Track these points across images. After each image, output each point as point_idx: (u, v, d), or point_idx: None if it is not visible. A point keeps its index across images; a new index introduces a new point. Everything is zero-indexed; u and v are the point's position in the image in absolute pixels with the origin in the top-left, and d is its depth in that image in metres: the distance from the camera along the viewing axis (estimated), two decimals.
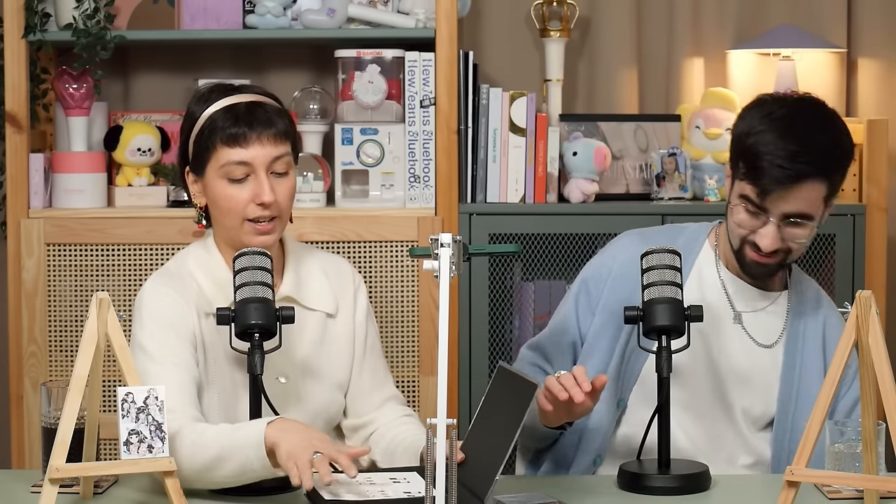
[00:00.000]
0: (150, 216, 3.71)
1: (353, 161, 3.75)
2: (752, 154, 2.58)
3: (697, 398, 2.71)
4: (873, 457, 2.30)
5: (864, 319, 2.20)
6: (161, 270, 2.68)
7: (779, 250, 2.62)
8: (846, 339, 2.22)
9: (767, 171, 2.55)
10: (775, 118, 2.59)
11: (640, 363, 2.72)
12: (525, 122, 3.78)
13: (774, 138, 2.56)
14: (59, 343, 3.70)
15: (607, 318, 2.74)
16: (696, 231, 2.80)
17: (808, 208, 2.59)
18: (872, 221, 3.77)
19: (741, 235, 2.65)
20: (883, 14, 4.07)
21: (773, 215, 2.59)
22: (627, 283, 2.72)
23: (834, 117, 2.65)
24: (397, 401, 2.77)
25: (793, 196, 2.57)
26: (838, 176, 2.61)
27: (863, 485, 2.30)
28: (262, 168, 2.59)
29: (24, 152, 3.70)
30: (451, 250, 2.23)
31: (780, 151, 2.55)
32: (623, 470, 2.52)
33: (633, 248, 2.74)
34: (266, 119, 2.60)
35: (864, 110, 4.06)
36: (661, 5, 4.09)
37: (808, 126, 2.58)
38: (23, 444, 3.71)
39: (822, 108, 2.65)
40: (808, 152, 2.55)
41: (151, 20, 3.84)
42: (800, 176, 2.55)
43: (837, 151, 2.60)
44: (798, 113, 2.61)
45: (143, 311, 2.61)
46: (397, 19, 3.77)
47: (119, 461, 2.25)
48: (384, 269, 3.70)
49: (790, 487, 2.23)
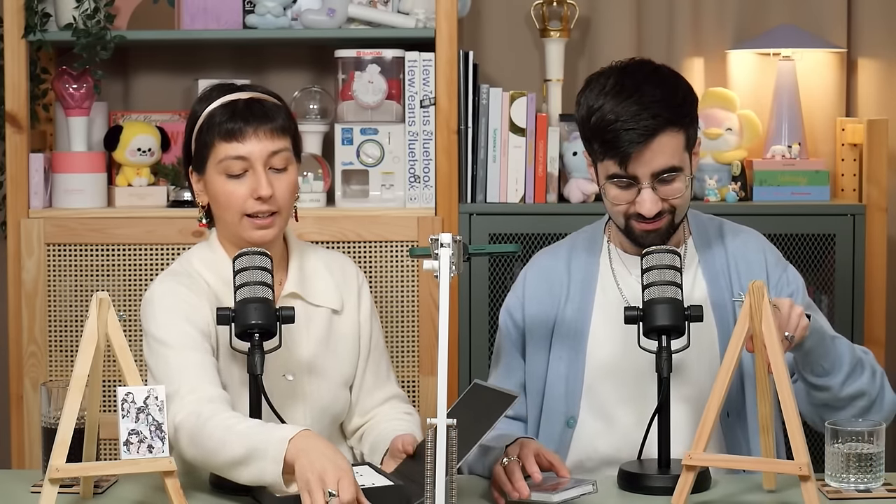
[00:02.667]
0: (150, 216, 3.71)
1: (353, 161, 3.75)
2: (600, 129, 2.59)
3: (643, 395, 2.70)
4: (770, 440, 2.40)
5: (758, 308, 2.29)
6: (167, 271, 2.68)
7: (663, 212, 2.62)
8: (740, 328, 2.31)
9: (619, 137, 2.56)
10: (608, 90, 2.60)
11: (580, 377, 2.71)
12: (525, 122, 3.78)
13: (613, 106, 2.58)
14: (59, 343, 3.70)
15: (533, 341, 2.76)
16: (591, 230, 2.82)
17: (671, 160, 2.59)
18: (872, 221, 3.77)
19: (622, 212, 2.64)
20: (883, 14, 4.06)
21: (643, 180, 2.59)
22: (544, 300, 2.76)
23: (660, 68, 2.66)
24: (399, 399, 2.77)
25: (651, 153, 2.57)
26: (688, 120, 2.61)
27: (758, 467, 2.43)
28: (260, 163, 2.59)
29: (24, 152, 3.70)
30: (451, 250, 2.23)
31: (624, 115, 2.56)
32: (623, 470, 2.52)
33: (537, 264, 2.81)
34: (263, 114, 2.60)
35: (864, 110, 4.06)
36: (661, 5, 4.09)
37: (638, 84, 2.60)
38: (23, 444, 3.71)
39: (646, 64, 2.66)
40: (647, 106, 2.56)
41: (151, 20, 3.84)
42: (650, 131, 2.56)
43: (678, 98, 2.61)
44: (625, 76, 2.62)
45: (155, 307, 2.60)
46: (397, 19, 3.77)
47: (119, 461, 2.26)
48: (384, 269, 3.70)
49: (688, 471, 2.32)
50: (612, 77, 2.62)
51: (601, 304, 2.71)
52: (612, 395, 2.69)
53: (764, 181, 3.84)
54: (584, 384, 2.71)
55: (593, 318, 2.72)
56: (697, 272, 2.72)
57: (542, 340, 2.75)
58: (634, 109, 2.56)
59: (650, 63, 2.67)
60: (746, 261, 2.72)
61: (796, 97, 3.95)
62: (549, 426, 2.72)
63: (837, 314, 3.76)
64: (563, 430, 2.71)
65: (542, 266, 2.81)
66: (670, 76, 2.65)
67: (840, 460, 2.41)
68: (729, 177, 3.88)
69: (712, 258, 2.72)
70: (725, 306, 2.68)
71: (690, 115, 2.63)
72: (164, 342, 2.55)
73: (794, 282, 2.73)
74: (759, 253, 2.74)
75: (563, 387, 2.71)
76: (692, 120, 2.64)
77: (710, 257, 2.72)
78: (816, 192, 3.85)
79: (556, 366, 2.73)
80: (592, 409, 2.71)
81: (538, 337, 2.75)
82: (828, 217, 3.78)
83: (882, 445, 2.42)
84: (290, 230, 2.74)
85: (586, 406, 2.71)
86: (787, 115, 3.94)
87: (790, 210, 3.79)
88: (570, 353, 2.71)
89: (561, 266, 2.78)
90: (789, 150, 3.89)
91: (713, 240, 2.75)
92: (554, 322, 2.74)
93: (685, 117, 2.61)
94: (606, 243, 2.77)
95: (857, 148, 3.90)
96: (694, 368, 2.67)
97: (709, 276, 2.71)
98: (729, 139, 3.91)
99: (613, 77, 2.62)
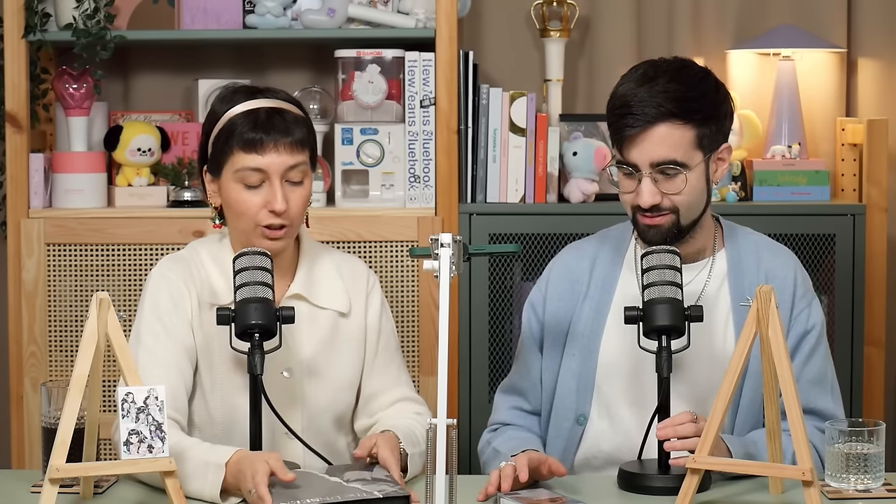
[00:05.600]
0: (150, 216, 3.71)
1: (353, 161, 3.75)
2: (611, 111, 2.63)
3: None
4: (777, 445, 2.38)
5: (765, 313, 2.28)
6: (172, 255, 2.72)
7: (663, 209, 2.62)
8: (747, 332, 2.30)
9: (622, 119, 2.59)
10: (633, 78, 2.64)
11: (591, 375, 2.72)
12: (525, 122, 3.78)
13: (627, 91, 2.61)
14: (59, 343, 3.70)
15: (550, 337, 2.77)
16: (623, 228, 2.82)
17: (673, 153, 2.59)
18: (872, 221, 3.77)
19: (627, 203, 2.66)
20: (883, 14, 4.06)
21: (642, 168, 2.60)
22: (564, 297, 2.76)
23: (691, 66, 2.67)
24: (411, 401, 2.77)
25: (649, 141, 2.58)
26: (699, 117, 2.61)
27: (762, 472, 2.41)
28: (277, 176, 2.59)
29: (24, 152, 3.70)
30: (451, 250, 2.23)
31: (633, 100, 2.59)
32: (623, 470, 2.52)
33: (562, 260, 2.81)
34: (284, 127, 2.60)
35: (864, 110, 4.06)
36: (661, 5, 4.09)
37: (658, 75, 2.62)
38: (23, 444, 3.71)
39: (680, 61, 2.68)
40: (655, 95, 2.58)
41: (151, 20, 3.84)
42: (649, 118, 2.58)
43: (693, 94, 2.61)
44: (652, 68, 2.65)
45: (146, 300, 2.65)
46: (397, 19, 3.77)
47: (119, 461, 2.26)
48: (384, 269, 3.70)
49: (693, 474, 2.31)
50: (642, 67, 2.65)
51: (619, 302, 2.71)
52: (621, 395, 2.69)
53: (764, 181, 3.84)
54: (595, 382, 2.71)
55: (609, 317, 2.72)
56: (724, 285, 2.72)
57: (558, 337, 2.76)
58: (643, 96, 2.58)
59: (684, 60, 2.69)
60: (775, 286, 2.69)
61: (796, 97, 3.95)
62: (559, 422, 2.73)
63: (837, 314, 3.76)
64: (573, 426, 2.72)
65: (567, 263, 2.82)
66: (697, 74, 2.66)
67: (840, 460, 2.41)
68: (729, 177, 3.87)
69: (741, 275, 2.71)
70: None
71: (703, 113, 2.62)
72: (141, 339, 2.62)
73: (813, 319, 2.70)
74: (789, 280, 2.72)
75: (574, 384, 2.72)
76: (705, 118, 2.62)
77: (739, 274, 2.71)
78: (816, 192, 3.85)
79: (568, 363, 2.73)
80: (601, 407, 2.71)
81: (555, 334, 2.76)
82: (828, 217, 3.78)
83: (882, 445, 2.42)
84: (305, 232, 2.74)
85: (596, 404, 2.71)
86: (787, 115, 3.94)
87: (790, 210, 3.79)
88: (584, 351, 2.72)
89: (585, 263, 2.78)
90: (789, 150, 3.89)
91: (745, 257, 2.73)
92: (571, 319, 2.74)
93: (695, 113, 2.60)
94: (634, 242, 2.78)
95: (857, 148, 3.90)
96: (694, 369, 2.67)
97: (735, 292, 2.70)
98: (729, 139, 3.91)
99: (644, 67, 2.65)
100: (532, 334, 2.80)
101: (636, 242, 2.77)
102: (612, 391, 2.70)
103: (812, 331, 2.69)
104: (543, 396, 2.78)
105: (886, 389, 3.86)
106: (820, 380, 2.68)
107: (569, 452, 2.72)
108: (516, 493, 2.40)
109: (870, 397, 3.78)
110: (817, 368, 2.68)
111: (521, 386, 2.82)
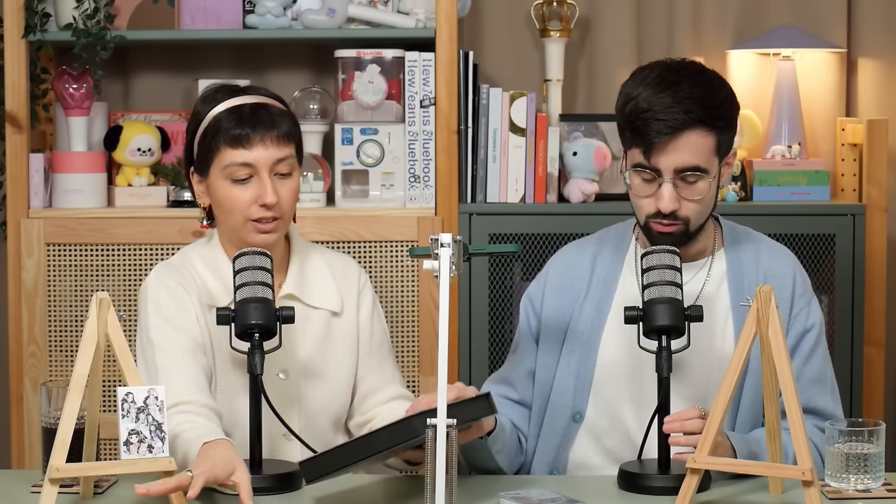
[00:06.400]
0: (150, 216, 3.71)
1: (353, 161, 3.75)
2: (632, 117, 2.61)
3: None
4: (777, 445, 2.38)
5: (765, 313, 2.28)
6: (164, 263, 2.70)
7: (678, 217, 2.62)
8: (747, 331, 2.30)
9: (648, 126, 2.58)
10: (649, 80, 2.62)
11: (590, 374, 2.72)
12: (525, 122, 3.78)
13: (648, 95, 2.60)
14: (59, 343, 3.70)
15: (547, 332, 2.77)
16: (623, 228, 2.82)
17: (697, 160, 2.59)
18: (872, 221, 3.77)
19: (642, 208, 2.65)
20: (883, 14, 4.06)
21: (665, 174, 2.60)
22: (563, 294, 2.77)
23: (706, 71, 2.68)
24: (405, 399, 2.77)
25: (676, 148, 2.58)
26: (721, 124, 2.62)
27: (762, 472, 2.40)
28: (266, 169, 2.60)
29: (24, 152, 3.70)
30: (451, 250, 2.23)
31: (657, 105, 2.58)
32: (623, 470, 2.52)
33: (563, 257, 2.81)
34: (270, 121, 2.61)
35: (864, 110, 4.06)
36: (661, 5, 4.09)
37: (679, 80, 2.61)
38: (23, 444, 3.71)
39: (694, 64, 2.68)
40: (681, 101, 2.58)
41: (151, 20, 3.84)
42: (679, 125, 2.57)
43: (715, 100, 2.62)
44: (669, 71, 2.64)
45: (149, 304, 2.64)
46: (397, 19, 3.77)
47: (119, 461, 2.26)
48: (384, 269, 3.70)
49: (693, 474, 2.31)
50: (656, 70, 2.65)
51: (620, 302, 2.71)
52: (621, 395, 2.69)
53: (764, 181, 3.84)
54: (594, 381, 2.71)
55: (609, 317, 2.72)
56: (723, 284, 2.72)
57: (555, 333, 2.75)
58: (668, 102, 2.58)
59: (698, 64, 2.69)
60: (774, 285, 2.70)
61: (796, 97, 3.95)
62: (554, 418, 2.73)
63: (837, 314, 3.76)
64: (569, 423, 2.72)
65: (567, 260, 2.82)
66: (714, 79, 2.66)
67: (840, 460, 2.41)
68: (729, 177, 3.87)
69: (741, 275, 2.72)
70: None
71: (725, 120, 2.63)
72: (153, 343, 2.60)
73: (812, 318, 2.71)
74: (788, 280, 2.72)
75: (572, 381, 2.72)
76: (726, 125, 2.63)
77: (738, 274, 2.72)
78: (816, 192, 3.85)
79: (567, 360, 2.73)
80: (599, 406, 2.71)
81: (552, 330, 2.76)
82: (828, 217, 3.78)
83: (882, 445, 2.42)
84: (295, 230, 2.74)
85: (594, 403, 2.71)
86: (787, 115, 3.94)
87: (790, 210, 3.79)
88: (583, 349, 2.71)
89: (586, 261, 2.78)
90: (789, 150, 3.89)
91: (744, 257, 2.74)
92: (570, 317, 2.74)
93: (719, 120, 2.61)
94: (634, 242, 2.78)
95: (857, 148, 3.90)
96: (694, 369, 2.67)
97: (734, 292, 2.71)
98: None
99: (657, 70, 2.64)
100: (529, 327, 2.81)
101: (636, 242, 2.77)
102: (611, 391, 2.70)
103: (811, 330, 2.70)
104: (537, 390, 2.77)
105: (886, 389, 3.86)
106: (820, 379, 2.68)
107: (563, 449, 2.72)
108: (516, 493, 2.40)
109: (870, 397, 3.78)
110: (817, 368, 2.69)
111: (510, 375, 2.82)
